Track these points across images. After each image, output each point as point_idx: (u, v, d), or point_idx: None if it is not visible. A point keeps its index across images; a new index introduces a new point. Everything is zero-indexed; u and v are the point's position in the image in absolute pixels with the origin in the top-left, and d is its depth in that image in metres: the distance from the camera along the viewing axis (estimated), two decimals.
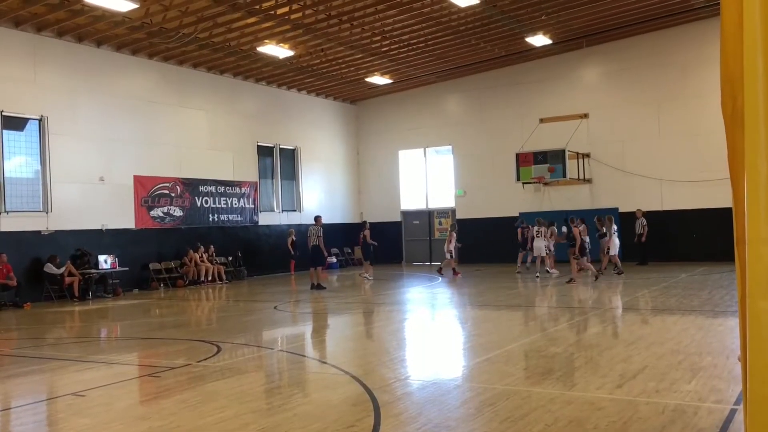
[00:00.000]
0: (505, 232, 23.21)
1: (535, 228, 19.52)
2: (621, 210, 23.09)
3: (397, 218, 28.49)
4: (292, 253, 23.32)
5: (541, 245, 19.21)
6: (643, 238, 21.56)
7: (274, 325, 12.51)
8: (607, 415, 5.46)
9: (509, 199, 25.10)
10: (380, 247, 28.37)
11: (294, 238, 23.47)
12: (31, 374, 8.33)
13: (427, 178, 28.12)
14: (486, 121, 26.37)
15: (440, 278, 18.85)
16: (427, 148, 28.01)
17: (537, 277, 18.67)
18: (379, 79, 25.36)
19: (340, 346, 10.24)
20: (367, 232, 20.90)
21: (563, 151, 22.63)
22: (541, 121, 24.63)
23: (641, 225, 21.77)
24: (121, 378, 7.79)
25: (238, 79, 23.66)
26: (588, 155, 24.28)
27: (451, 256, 20.56)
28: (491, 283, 17.39)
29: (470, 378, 7.36)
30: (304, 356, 9.12)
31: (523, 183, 23.92)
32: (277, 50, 20.61)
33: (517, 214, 24.19)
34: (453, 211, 27.28)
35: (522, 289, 15.98)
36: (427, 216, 28.21)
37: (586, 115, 24.24)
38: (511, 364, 7.97)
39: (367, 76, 25.00)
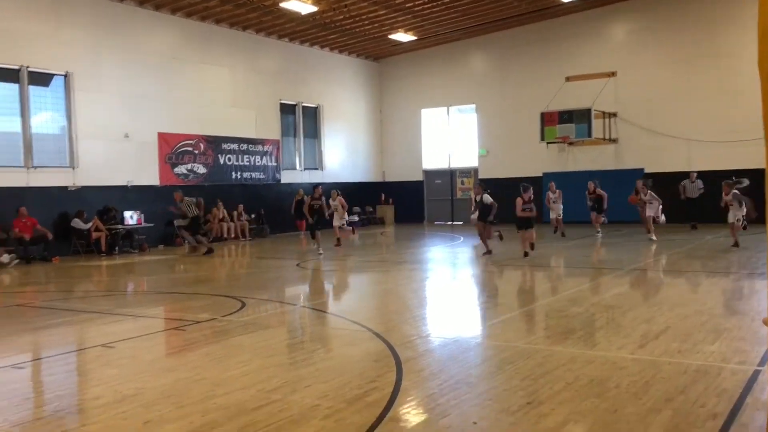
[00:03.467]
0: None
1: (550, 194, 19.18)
2: (647, 170, 22.77)
3: (419, 177, 28.40)
4: (293, 213, 22.73)
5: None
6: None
7: (297, 282, 12.62)
8: (629, 374, 5.46)
9: (533, 159, 24.85)
10: (402, 207, 28.46)
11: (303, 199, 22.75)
12: (61, 326, 8.52)
13: (450, 138, 27.91)
14: (510, 79, 25.99)
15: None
16: (450, 107, 27.74)
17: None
18: (402, 36, 25.02)
19: (362, 303, 10.33)
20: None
21: (589, 110, 22.27)
22: (567, 79, 24.20)
23: (696, 188, 20.97)
24: (148, 331, 7.94)
25: (261, 36, 23.48)
26: (615, 114, 23.89)
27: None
28: (515, 244, 17.31)
29: (491, 336, 7.40)
30: (327, 312, 9.22)
31: (548, 143, 23.66)
32: (299, 5, 20.37)
33: (541, 174, 23.99)
34: (476, 170, 27.11)
35: (546, 250, 15.93)
36: (450, 175, 28.07)
37: (613, 74, 23.77)
38: (531, 323, 7.99)
39: (390, 33, 24.67)
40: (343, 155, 27.18)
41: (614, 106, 23.79)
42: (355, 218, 26.27)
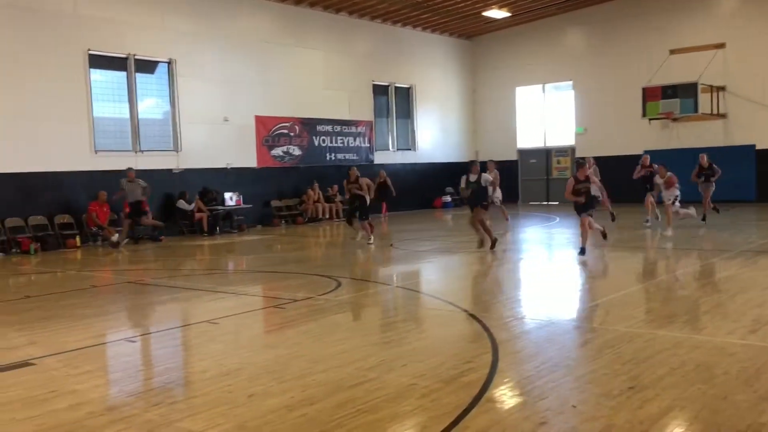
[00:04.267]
0: (628, 172, 22.23)
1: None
2: (758, 147, 21.49)
3: (514, 157, 27.92)
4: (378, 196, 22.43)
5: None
6: None
7: (391, 262, 12.71)
8: (739, 360, 5.20)
9: (633, 136, 23.91)
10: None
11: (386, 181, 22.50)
12: (169, 302, 8.95)
13: (546, 116, 27.25)
14: (609, 54, 25.02)
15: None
16: (546, 84, 27.05)
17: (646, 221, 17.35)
18: (496, 13, 24.53)
19: (457, 284, 10.29)
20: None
21: (695, 84, 21.18)
22: (672, 52, 23.07)
23: None
24: (249, 308, 8.22)
25: (354, 18, 23.62)
26: (723, 88, 22.61)
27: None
28: (611, 223, 16.78)
29: (590, 319, 7.21)
30: (421, 293, 9.25)
31: (650, 119, 22.70)
32: None
33: (642, 152, 23.07)
34: (573, 149, 26.38)
35: (643, 230, 15.35)
36: (545, 155, 27.46)
37: (721, 45, 22.47)
38: (633, 306, 7.72)
39: (483, 10, 24.24)
40: (435, 135, 27.07)
41: (722, 79, 22.50)
42: (448, 199, 26.18)
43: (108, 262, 14.06)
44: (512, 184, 27.79)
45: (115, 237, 16.27)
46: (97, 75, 17.28)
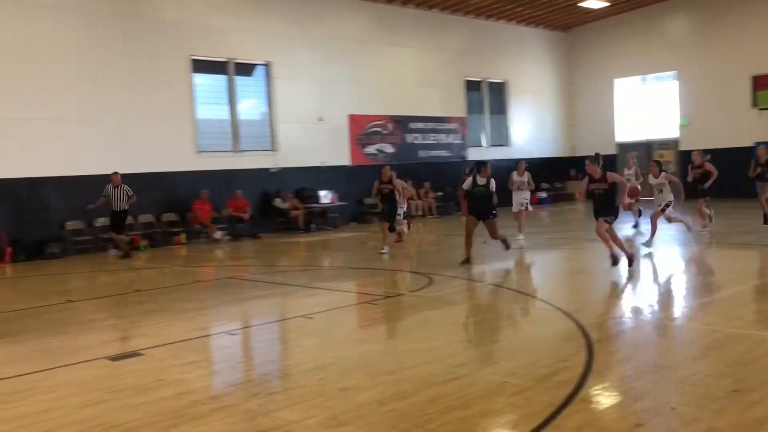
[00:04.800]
0: (736, 164, 21.11)
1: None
2: None
3: (612, 151, 27.02)
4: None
5: None
6: None
7: (484, 260, 12.58)
8: None
9: (741, 127, 22.63)
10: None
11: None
12: (266, 297, 9.26)
13: (646, 108, 26.23)
14: (716, 42, 23.78)
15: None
16: (646, 76, 26.04)
17: None
18: (594, 3, 23.81)
19: (551, 281, 10.11)
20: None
21: None
22: None
23: None
24: (343, 304, 8.39)
25: (446, 14, 23.55)
26: None
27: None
28: (724, 219, 16.00)
29: (693, 319, 6.92)
30: (514, 290, 9.14)
31: (760, 108, 21.45)
32: None
33: (752, 144, 21.84)
34: (676, 141, 25.29)
35: (754, 226, 14.53)
36: (646, 148, 26.44)
37: None
38: (740, 306, 7.35)
39: (580, 1, 23.60)
40: (530, 130, 26.61)
41: None
42: (543, 194, 25.67)
43: (210, 258, 14.66)
44: None
45: (218, 234, 16.95)
46: (200, 79, 18.04)
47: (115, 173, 14.69)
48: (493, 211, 11.16)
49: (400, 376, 5.13)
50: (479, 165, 11.39)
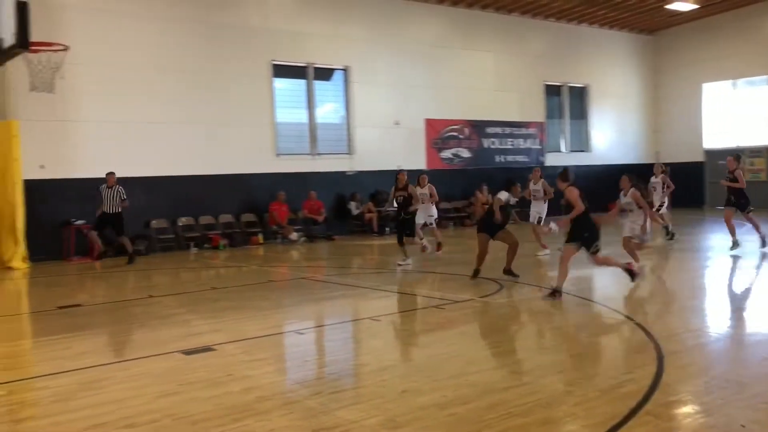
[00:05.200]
0: None
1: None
2: None
3: (699, 158, 26.03)
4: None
5: None
6: None
7: (556, 267, 12.37)
8: None
9: None
10: (677, 189, 26.39)
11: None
12: (337, 298, 9.41)
13: (737, 114, 25.10)
14: None
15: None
16: (737, 80, 24.94)
17: None
18: (681, 5, 22.98)
19: (626, 291, 9.82)
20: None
21: None
22: None
23: None
24: (410, 307, 8.44)
25: (526, 18, 23.27)
26: None
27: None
28: None
29: None
30: (586, 299, 8.95)
31: None
32: None
33: None
34: None
35: None
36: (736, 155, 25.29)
37: None
38: None
39: (667, 3, 22.84)
40: (611, 136, 25.94)
41: None
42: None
43: (285, 258, 15.00)
44: (698, 188, 25.94)
45: (293, 235, 17.32)
46: (280, 83, 18.50)
47: (111, 173, 13.87)
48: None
49: (461, 380, 5.13)
50: (511, 183, 10.58)
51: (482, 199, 21.41)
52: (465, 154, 21.97)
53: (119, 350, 6.46)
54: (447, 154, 21.55)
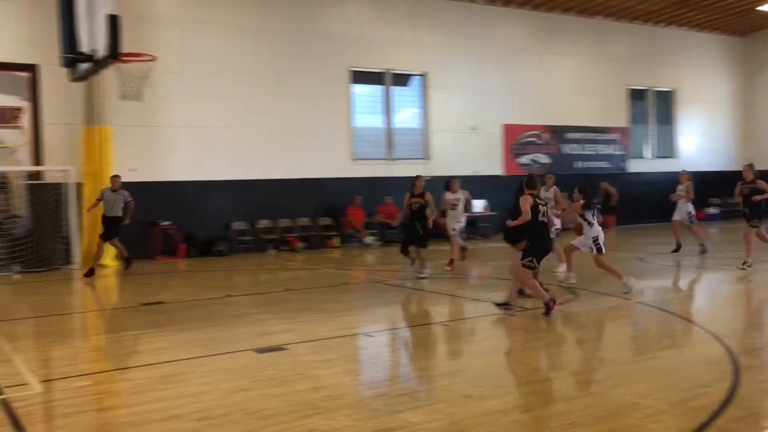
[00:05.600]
0: None
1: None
2: None
3: None
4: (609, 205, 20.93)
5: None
6: None
7: (636, 277, 12.03)
8: None
9: None
10: None
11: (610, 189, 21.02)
12: (409, 303, 9.52)
13: None
14: None
15: None
16: None
17: None
18: None
19: (705, 303, 9.50)
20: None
21: None
22: None
23: None
24: (480, 313, 8.40)
25: (610, 20, 22.74)
26: None
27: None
28: None
29: None
30: (663, 310, 8.69)
31: None
32: None
33: None
34: None
35: None
36: None
37: None
38: None
39: (760, 4, 21.85)
40: (700, 142, 24.98)
41: None
42: (715, 210, 23.96)
43: (360, 262, 15.19)
44: None
45: (369, 239, 17.52)
46: (358, 89, 18.78)
47: (116, 176, 13.17)
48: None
49: (527, 388, 5.11)
50: (585, 190, 9.73)
51: (561, 205, 21.06)
52: (543, 159, 21.66)
53: (198, 346, 6.74)
54: (525, 159, 21.31)
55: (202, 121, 16.44)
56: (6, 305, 10.50)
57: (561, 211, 10.82)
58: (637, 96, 23.80)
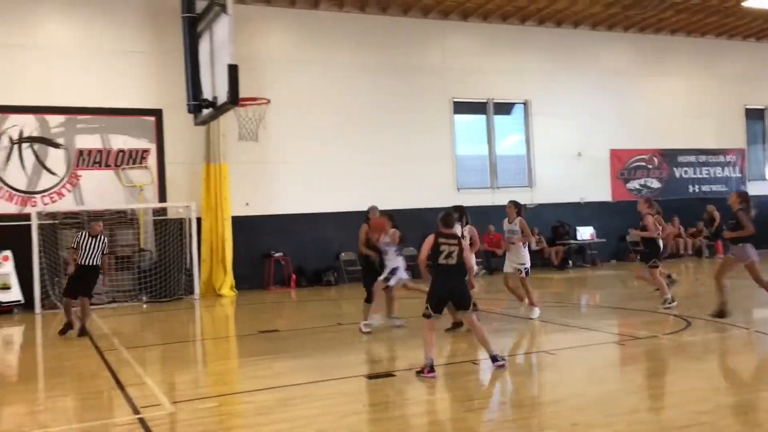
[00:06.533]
0: None
1: None
2: None
3: None
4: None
5: None
6: None
7: (757, 304, 11.50)
8: None
9: None
10: None
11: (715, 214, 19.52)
12: (513, 331, 9.55)
13: None
14: None
15: None
16: None
17: None
18: None
19: None
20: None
21: None
22: None
23: None
24: (589, 342, 8.35)
25: (721, 39, 21.96)
26: None
27: None
28: None
29: None
30: None
31: None
32: (765, 2, 18.48)
33: None
34: None
35: None
36: None
37: None
38: None
39: None
40: None
41: None
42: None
43: None
44: None
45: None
46: (460, 119, 19.05)
47: (97, 221, 11.03)
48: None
49: (636, 417, 5.09)
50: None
51: (674, 232, 20.35)
52: (654, 184, 21.05)
53: (311, 372, 7.09)
54: (634, 184, 20.79)
55: (312, 155, 17.17)
56: (137, 333, 11.36)
57: (537, 243, 10.52)
58: (755, 115, 22.75)
